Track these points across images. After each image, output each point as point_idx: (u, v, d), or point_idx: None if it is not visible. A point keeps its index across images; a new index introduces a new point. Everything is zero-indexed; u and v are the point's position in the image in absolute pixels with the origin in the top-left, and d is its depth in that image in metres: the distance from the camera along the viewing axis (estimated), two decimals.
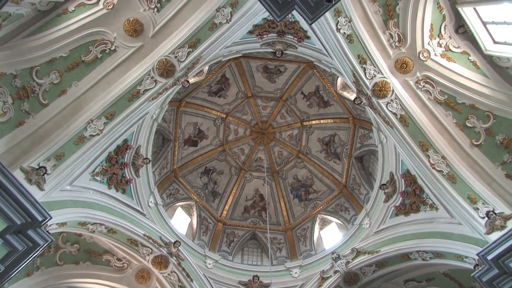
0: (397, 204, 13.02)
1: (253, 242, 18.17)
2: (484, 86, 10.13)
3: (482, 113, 10.20)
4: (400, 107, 10.83)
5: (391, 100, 10.88)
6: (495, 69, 10.08)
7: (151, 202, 14.07)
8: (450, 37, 10.41)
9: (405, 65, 10.71)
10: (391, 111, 11.01)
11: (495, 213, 9.72)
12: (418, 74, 10.69)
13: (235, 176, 19.40)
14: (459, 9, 9.95)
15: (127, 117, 11.13)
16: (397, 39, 10.59)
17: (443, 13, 10.18)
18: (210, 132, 18.85)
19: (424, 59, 10.57)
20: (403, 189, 12.77)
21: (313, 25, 10.28)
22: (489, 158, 10.18)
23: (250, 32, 11.88)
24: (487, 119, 10.16)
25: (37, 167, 9.63)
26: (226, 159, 19.36)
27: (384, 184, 13.49)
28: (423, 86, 10.70)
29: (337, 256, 14.08)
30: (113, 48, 10.44)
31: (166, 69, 10.86)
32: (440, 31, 10.36)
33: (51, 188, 10.17)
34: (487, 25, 9.84)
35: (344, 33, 10.40)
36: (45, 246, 9.58)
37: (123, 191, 13.01)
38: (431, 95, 10.68)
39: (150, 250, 13.58)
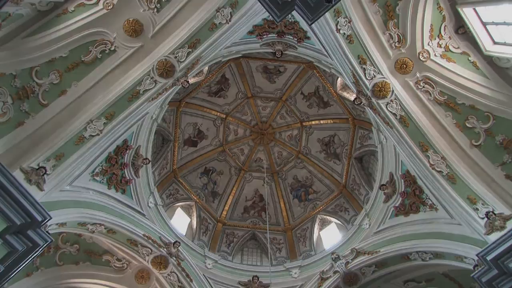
0: (396, 205, 13.02)
1: (253, 242, 18.17)
2: (484, 86, 10.12)
3: (482, 114, 10.19)
4: (399, 107, 10.84)
5: (391, 101, 10.89)
6: (495, 70, 10.06)
7: (150, 202, 14.06)
8: (450, 38, 10.40)
9: (405, 66, 10.71)
10: (390, 112, 11.01)
11: (494, 214, 9.72)
12: (418, 75, 10.68)
13: (234, 176, 19.39)
14: (459, 9, 9.94)
15: (127, 117, 11.13)
16: (397, 40, 10.59)
17: (443, 14, 10.17)
18: (210, 133, 18.85)
19: (424, 59, 10.56)
20: (402, 189, 12.77)
21: (313, 25, 10.27)
22: (489, 158, 10.17)
23: (250, 33, 11.88)
24: (487, 119, 10.14)
25: (37, 167, 9.63)
26: (225, 159, 19.36)
27: (383, 185, 13.49)
28: (423, 87, 10.70)
29: (336, 256, 14.08)
30: (112, 48, 10.42)
31: (166, 69, 10.86)
32: (440, 32, 10.35)
33: (51, 188, 10.16)
34: (487, 26, 9.83)
35: (344, 33, 10.40)
36: (45, 246, 9.58)
37: (123, 191, 13.00)
38: (430, 95, 10.68)
39: (150, 251, 13.59)
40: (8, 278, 8.99)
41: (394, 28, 10.53)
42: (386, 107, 11.01)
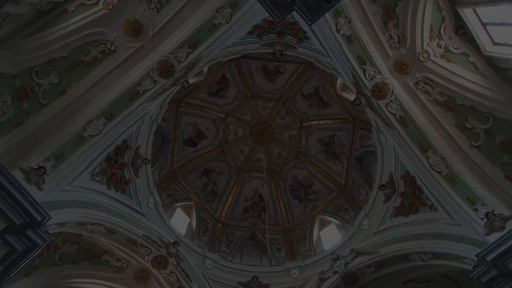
0: (396, 205, 13.01)
1: (252, 242, 18.14)
2: (483, 87, 10.11)
3: (482, 114, 10.18)
4: (399, 108, 10.84)
5: (391, 101, 10.89)
6: (494, 70, 10.05)
7: (150, 202, 14.06)
8: (449, 38, 10.39)
9: (404, 66, 10.71)
10: (390, 112, 11.02)
11: (494, 214, 9.72)
12: (417, 75, 10.68)
13: (234, 176, 19.37)
14: (459, 10, 9.92)
15: (127, 117, 11.15)
16: (396, 40, 10.59)
17: (442, 14, 10.16)
18: (209, 133, 18.82)
19: (423, 60, 10.55)
20: (402, 190, 12.75)
21: (313, 26, 10.25)
22: (488, 159, 10.17)
23: (250, 33, 11.86)
24: (487, 120, 10.13)
25: (37, 167, 9.63)
26: (225, 159, 19.33)
27: (383, 185, 13.49)
28: (423, 87, 10.70)
29: (336, 256, 14.07)
30: (112, 48, 10.42)
31: (165, 69, 10.87)
32: (439, 32, 10.34)
33: (51, 188, 10.16)
34: (487, 26, 9.83)
35: (344, 34, 10.41)
36: (44, 246, 9.58)
37: (123, 191, 13.00)
38: (430, 96, 10.68)
39: (149, 251, 13.58)
40: (7, 278, 9.00)
41: (394, 29, 10.53)
42: (386, 108, 11.01)
